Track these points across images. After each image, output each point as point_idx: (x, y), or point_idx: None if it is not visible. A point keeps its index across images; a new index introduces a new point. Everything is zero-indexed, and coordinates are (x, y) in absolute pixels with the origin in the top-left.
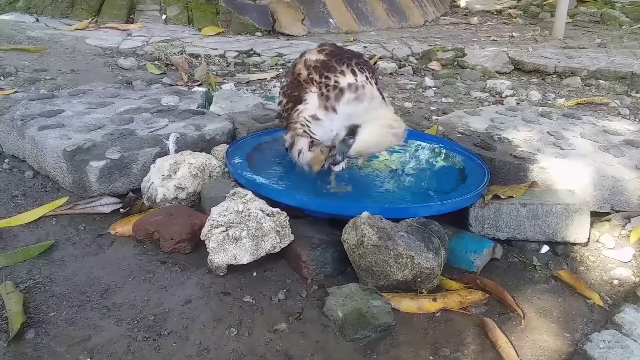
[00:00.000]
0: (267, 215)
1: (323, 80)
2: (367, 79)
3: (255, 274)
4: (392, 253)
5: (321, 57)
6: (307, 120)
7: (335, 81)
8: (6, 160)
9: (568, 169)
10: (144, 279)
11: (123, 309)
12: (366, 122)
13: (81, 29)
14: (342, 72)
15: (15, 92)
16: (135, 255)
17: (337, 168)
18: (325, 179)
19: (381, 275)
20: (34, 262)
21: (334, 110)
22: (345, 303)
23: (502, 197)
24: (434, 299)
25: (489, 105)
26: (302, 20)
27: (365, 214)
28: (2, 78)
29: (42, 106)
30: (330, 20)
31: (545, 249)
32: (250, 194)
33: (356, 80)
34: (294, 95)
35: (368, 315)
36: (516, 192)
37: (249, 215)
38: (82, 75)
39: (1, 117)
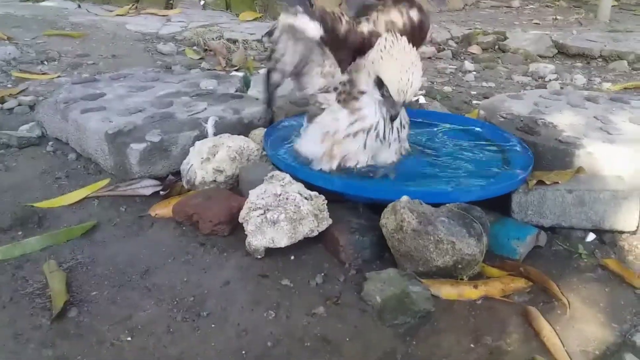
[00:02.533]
0: (305, 198)
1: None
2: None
3: (292, 257)
4: (432, 238)
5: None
6: (350, 127)
7: (342, 81)
8: (50, 143)
9: (616, 155)
10: (184, 261)
11: (163, 289)
12: (379, 63)
13: (122, 15)
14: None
15: (59, 76)
16: (175, 237)
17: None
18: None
19: (420, 261)
20: (77, 243)
21: (358, 93)
22: (383, 288)
23: (547, 182)
24: (475, 286)
25: (532, 89)
26: (340, 4)
27: (404, 198)
28: (46, 63)
29: (84, 90)
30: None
31: (591, 237)
32: (288, 177)
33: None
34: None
35: (407, 301)
36: (562, 177)
37: (287, 199)
38: (122, 60)
39: (45, 100)
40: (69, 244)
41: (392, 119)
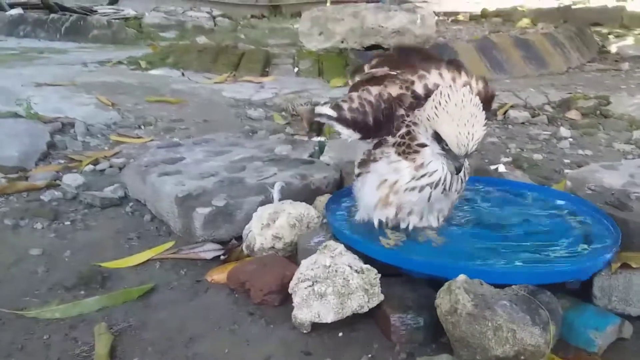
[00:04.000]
0: (356, 271)
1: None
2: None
3: (341, 334)
4: (490, 324)
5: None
6: (413, 181)
7: (400, 134)
8: (130, 204)
9: None
10: (229, 330)
11: (203, 359)
12: (435, 119)
13: (220, 82)
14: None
15: (152, 140)
16: (227, 304)
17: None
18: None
19: (478, 349)
20: (132, 305)
21: (417, 147)
22: None
23: (634, 266)
24: None
25: (634, 158)
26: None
27: (461, 277)
28: (142, 127)
29: (166, 153)
30: None
31: None
32: (340, 248)
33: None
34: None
35: None
36: None
37: (336, 271)
38: (213, 124)
39: (130, 163)
40: (124, 306)
41: (457, 172)
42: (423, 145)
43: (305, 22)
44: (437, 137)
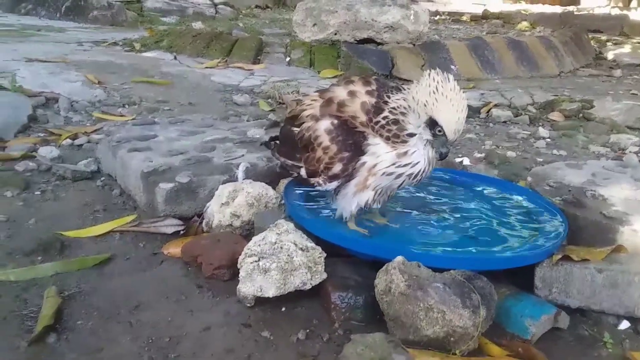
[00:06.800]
0: (301, 249)
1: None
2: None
3: (284, 309)
4: (421, 305)
5: (373, 99)
6: (393, 167)
7: (385, 117)
8: (102, 178)
9: None
10: (176, 300)
11: (145, 326)
12: (434, 105)
13: (211, 67)
14: (386, 103)
15: (133, 118)
16: (178, 277)
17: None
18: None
19: (410, 329)
20: (86, 272)
21: (406, 137)
22: (363, 353)
23: (575, 259)
24: None
25: (607, 160)
26: (422, 66)
27: (399, 258)
28: (126, 106)
29: (140, 131)
30: (452, 67)
31: (625, 324)
32: (288, 226)
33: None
34: (348, 142)
35: None
36: (595, 255)
37: (281, 248)
38: (197, 107)
39: (104, 138)
40: (78, 273)
41: (443, 157)
42: (412, 135)
43: (299, 13)
44: (431, 124)
